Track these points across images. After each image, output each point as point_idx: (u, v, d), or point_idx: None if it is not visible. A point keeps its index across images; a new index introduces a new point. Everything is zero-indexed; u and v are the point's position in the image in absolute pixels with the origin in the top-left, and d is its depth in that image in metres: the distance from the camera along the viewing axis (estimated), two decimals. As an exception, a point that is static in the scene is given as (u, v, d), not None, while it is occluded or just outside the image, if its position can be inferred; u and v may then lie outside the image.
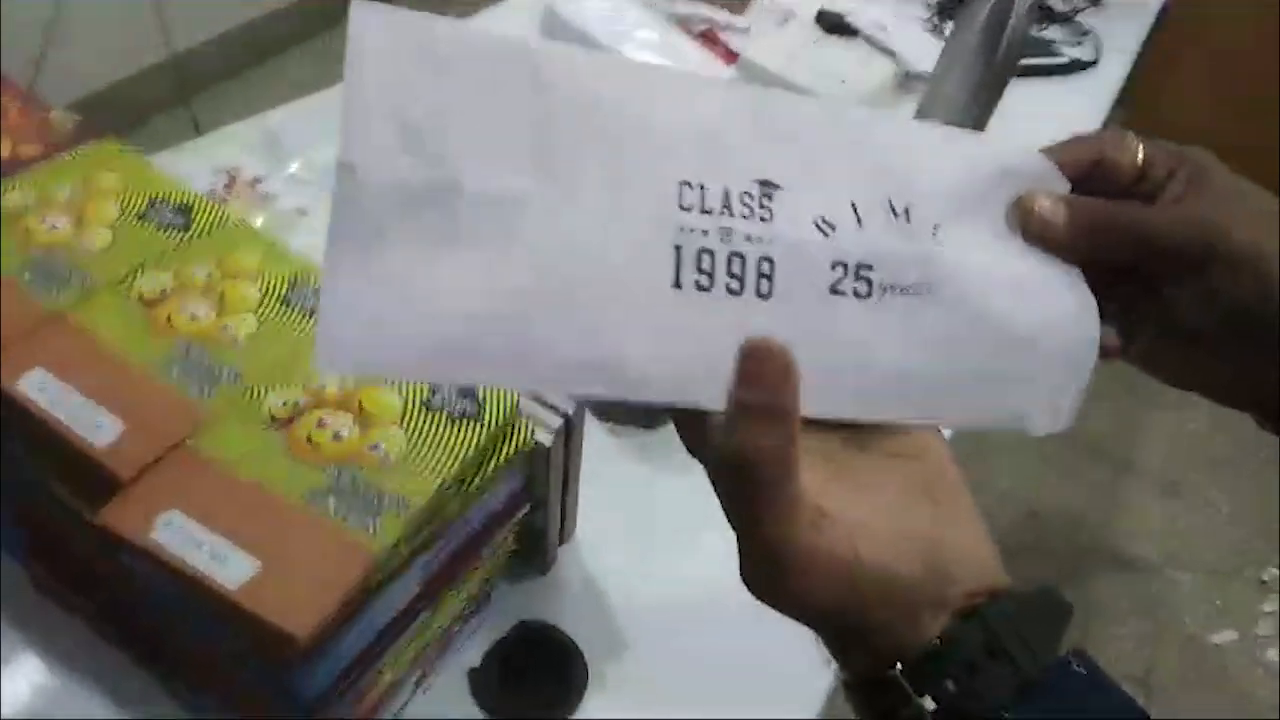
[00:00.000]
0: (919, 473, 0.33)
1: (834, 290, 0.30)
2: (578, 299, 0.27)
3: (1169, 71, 2.74)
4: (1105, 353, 0.38)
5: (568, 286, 0.27)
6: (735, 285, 0.28)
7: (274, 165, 0.86)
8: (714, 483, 0.30)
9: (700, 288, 0.28)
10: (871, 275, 0.30)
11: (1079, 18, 1.47)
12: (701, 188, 0.28)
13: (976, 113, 0.97)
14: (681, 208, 0.28)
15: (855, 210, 0.30)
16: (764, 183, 0.29)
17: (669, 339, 0.27)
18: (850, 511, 0.30)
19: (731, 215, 0.29)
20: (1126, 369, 0.42)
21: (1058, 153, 0.38)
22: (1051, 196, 0.37)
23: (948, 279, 0.31)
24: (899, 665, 0.30)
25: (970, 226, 0.33)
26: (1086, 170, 0.38)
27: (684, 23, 1.20)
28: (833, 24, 1.19)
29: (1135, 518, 1.97)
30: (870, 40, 1.20)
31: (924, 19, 1.35)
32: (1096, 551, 1.90)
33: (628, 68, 0.29)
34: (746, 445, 0.27)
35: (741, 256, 0.28)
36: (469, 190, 0.26)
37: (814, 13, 1.21)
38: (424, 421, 0.50)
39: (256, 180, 0.84)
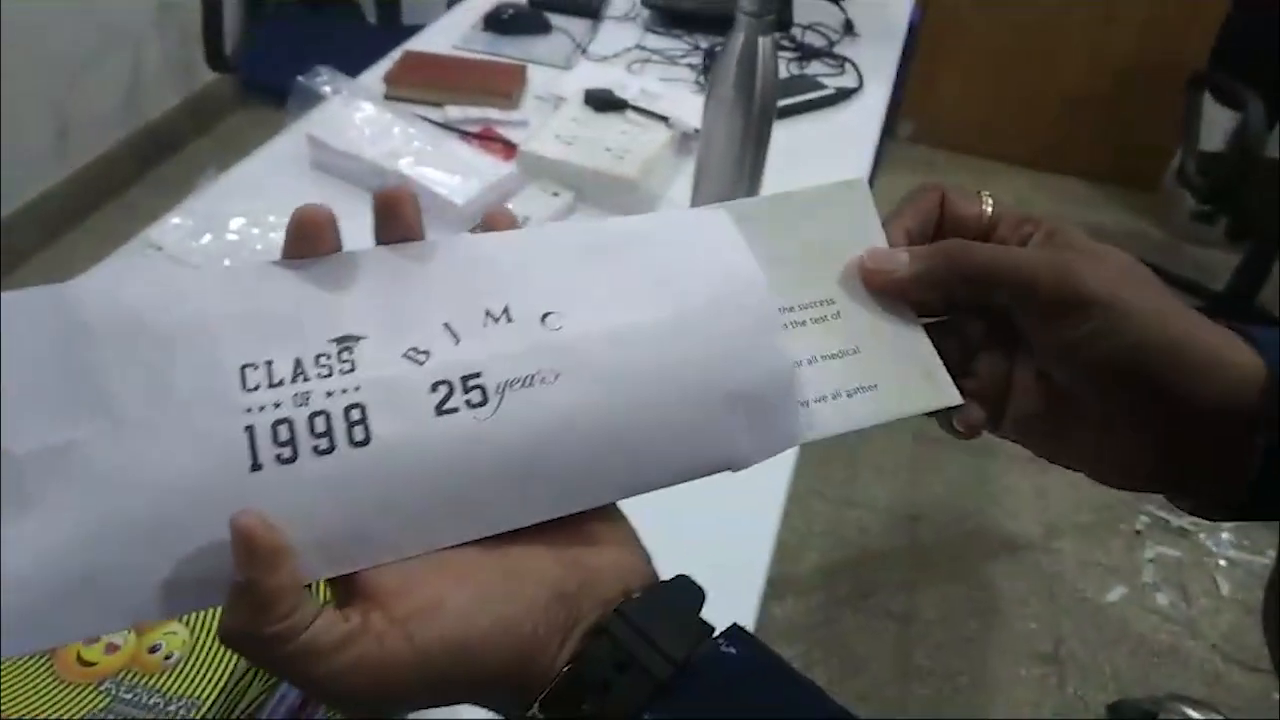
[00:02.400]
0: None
1: (442, 410, 0.29)
2: (167, 519, 0.27)
3: (932, 87, 2.95)
4: (970, 429, 0.38)
5: (153, 511, 0.27)
6: (324, 444, 0.28)
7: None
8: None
9: (283, 460, 0.27)
10: (482, 381, 0.30)
11: (836, 49, 1.56)
12: (268, 364, 0.28)
13: (748, 159, 1.00)
14: (246, 390, 0.28)
15: (450, 329, 0.30)
16: (341, 339, 0.29)
17: (278, 521, 0.27)
18: (436, 598, 0.29)
19: (307, 380, 0.28)
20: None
21: (904, 217, 0.38)
22: (893, 250, 0.37)
23: (575, 357, 0.31)
24: (535, 706, 0.29)
25: (589, 299, 0.32)
26: (935, 226, 0.38)
27: (458, 126, 1.20)
28: (602, 101, 1.22)
29: (1010, 499, 2.04)
30: (641, 110, 1.23)
31: (690, 80, 1.40)
32: (982, 540, 1.96)
33: (178, 278, 0.29)
34: (245, 627, 0.26)
35: (325, 413, 0.28)
36: (18, 454, 0.26)
37: (582, 95, 1.23)
38: (207, 612, 0.46)
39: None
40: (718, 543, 0.73)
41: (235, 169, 1.11)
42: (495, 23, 1.48)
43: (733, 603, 0.69)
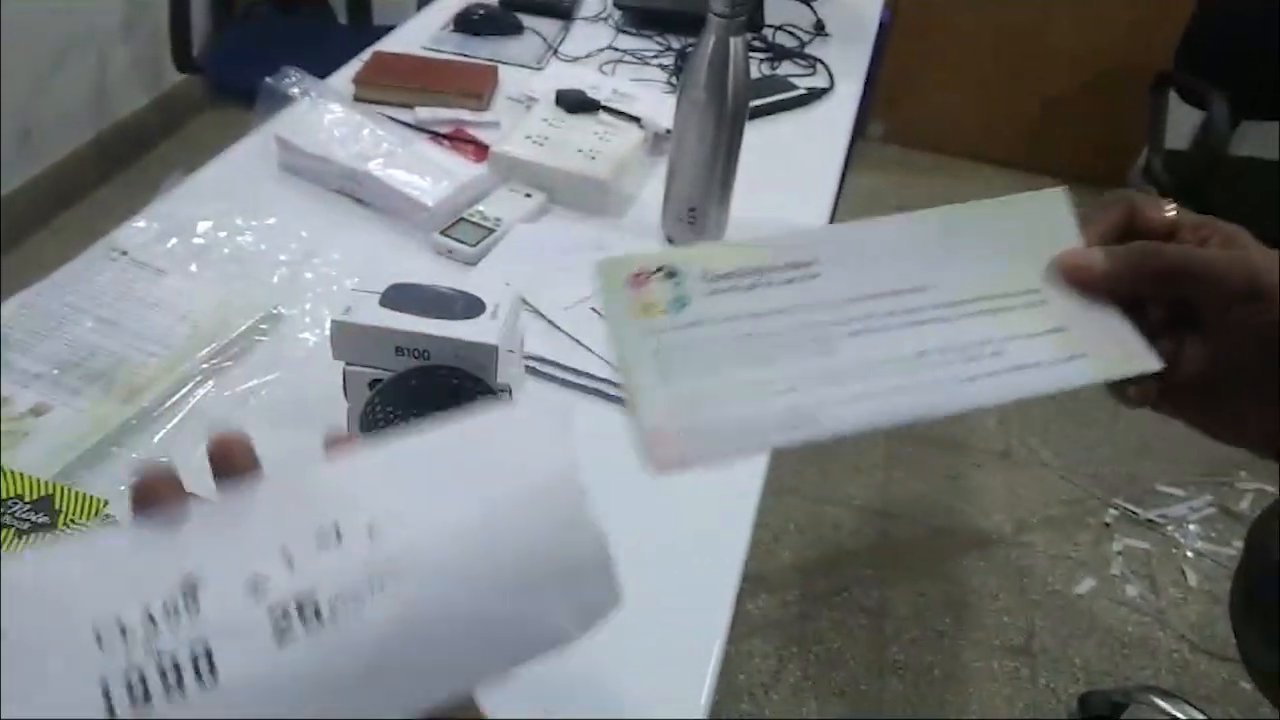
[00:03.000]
0: None
1: (282, 636, 0.31)
2: None
3: (902, 87, 2.97)
4: (1146, 398, 0.43)
5: None
6: (175, 689, 0.30)
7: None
8: None
9: (138, 707, 0.29)
10: (318, 601, 0.31)
11: (807, 49, 1.57)
12: (118, 619, 0.30)
13: (720, 160, 1.01)
14: (101, 650, 0.30)
15: (285, 554, 0.32)
16: (184, 582, 0.31)
17: None
18: None
19: (157, 627, 0.30)
20: None
21: (1096, 222, 0.44)
22: (1090, 250, 0.43)
23: (398, 564, 0.33)
24: None
25: (412, 508, 0.34)
26: (1122, 231, 0.43)
27: (428, 127, 1.20)
28: (574, 102, 1.22)
29: (981, 495, 2.06)
30: (613, 111, 1.23)
31: (661, 81, 1.41)
32: (954, 535, 1.98)
33: (47, 555, 0.31)
34: None
35: (174, 658, 0.30)
36: None
37: (554, 95, 1.23)
38: None
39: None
40: (693, 540, 0.74)
41: (202, 171, 1.10)
42: (466, 23, 1.47)
43: (708, 600, 0.70)
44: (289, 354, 0.85)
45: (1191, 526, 2.03)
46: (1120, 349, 0.43)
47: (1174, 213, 0.43)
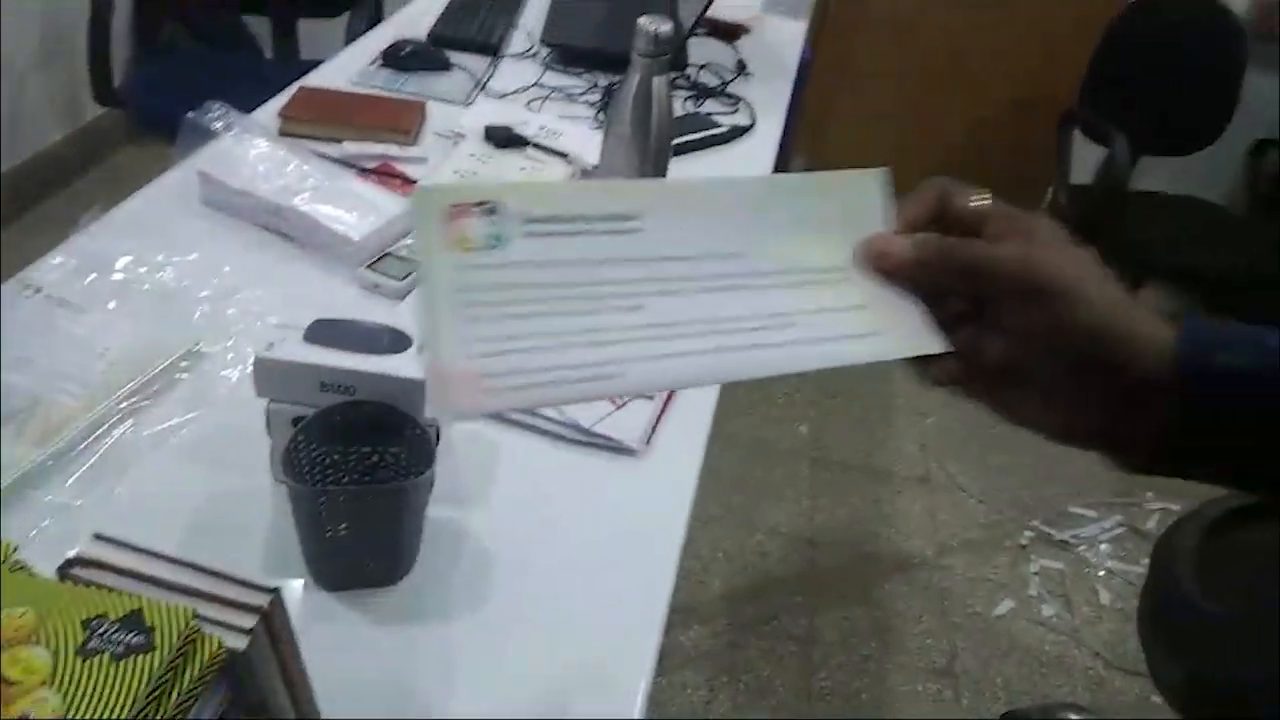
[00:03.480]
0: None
1: None
2: None
3: (822, 125, 3.06)
4: (948, 379, 0.45)
5: None
6: None
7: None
8: None
9: None
10: None
11: (730, 88, 1.61)
12: None
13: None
14: None
15: None
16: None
17: None
18: None
19: None
20: (870, 396, 0.48)
21: (907, 207, 0.46)
22: (896, 237, 0.45)
23: None
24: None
25: None
26: (932, 218, 0.46)
27: (355, 162, 1.20)
28: (502, 138, 1.24)
29: (902, 520, 2.11)
30: (541, 146, 1.25)
31: (588, 117, 1.43)
32: (877, 560, 2.02)
33: None
34: None
35: None
36: None
37: (482, 131, 1.25)
38: (81, 673, 0.45)
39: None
40: (621, 573, 0.75)
41: (122, 206, 1.08)
42: (394, 59, 1.48)
43: (636, 633, 0.70)
44: (211, 392, 0.84)
45: (1103, 546, 2.11)
46: (911, 330, 0.45)
47: (984, 203, 0.45)
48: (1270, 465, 0.42)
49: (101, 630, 0.46)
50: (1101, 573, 2.05)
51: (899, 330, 0.45)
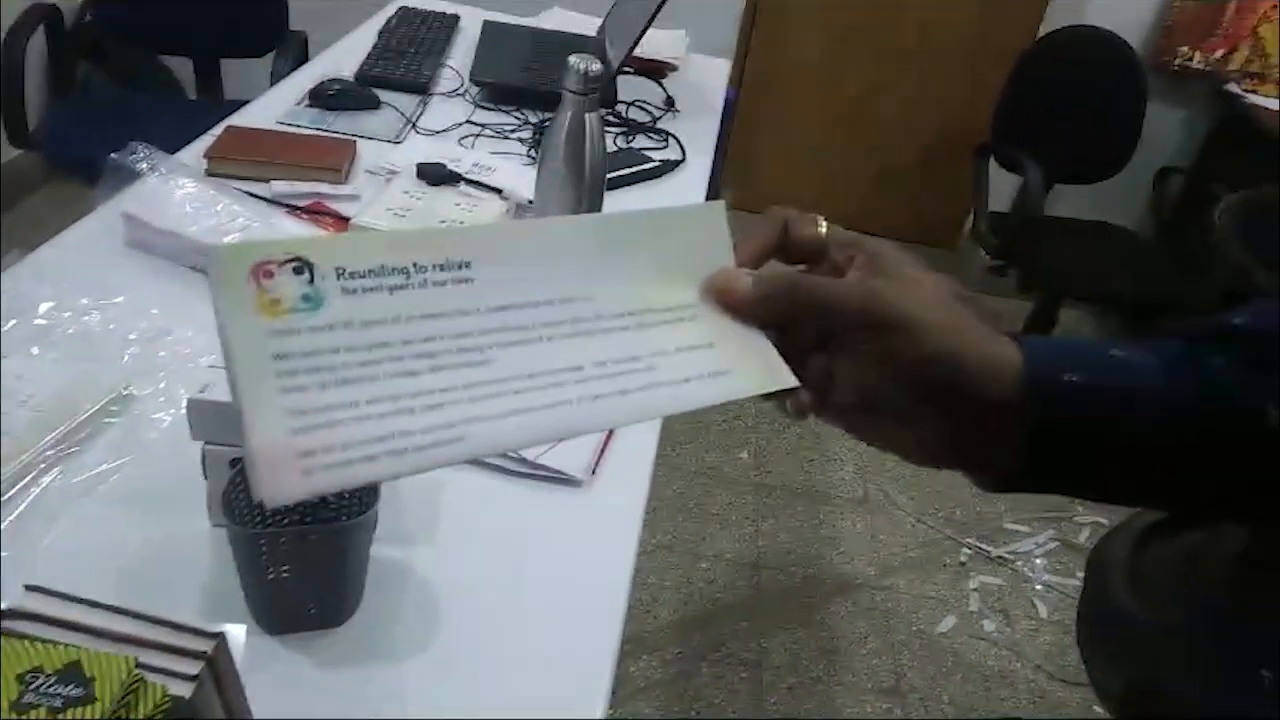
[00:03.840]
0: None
1: None
2: None
3: (749, 158, 3.13)
4: (800, 411, 0.45)
5: None
6: None
7: None
8: None
9: None
10: None
11: (660, 124, 1.64)
12: None
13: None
14: None
15: None
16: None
17: None
18: None
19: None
20: (809, 425, 0.48)
21: (750, 239, 0.46)
22: (739, 273, 0.45)
23: None
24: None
25: None
26: (773, 248, 0.46)
27: (285, 200, 1.19)
28: (435, 175, 1.24)
29: (844, 541, 2.14)
30: (475, 183, 1.25)
31: (521, 153, 1.44)
32: (821, 583, 2.04)
33: None
34: None
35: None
36: None
37: (414, 168, 1.24)
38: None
39: None
40: (571, 605, 0.74)
41: (42, 249, 1.05)
42: (321, 98, 1.47)
43: (589, 666, 0.70)
44: (142, 436, 0.81)
45: (1038, 560, 2.17)
46: (762, 366, 0.44)
47: (824, 230, 0.46)
48: (1126, 476, 0.43)
49: (37, 685, 0.44)
50: (1038, 586, 2.10)
51: (749, 367, 0.44)
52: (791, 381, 0.44)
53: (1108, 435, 0.42)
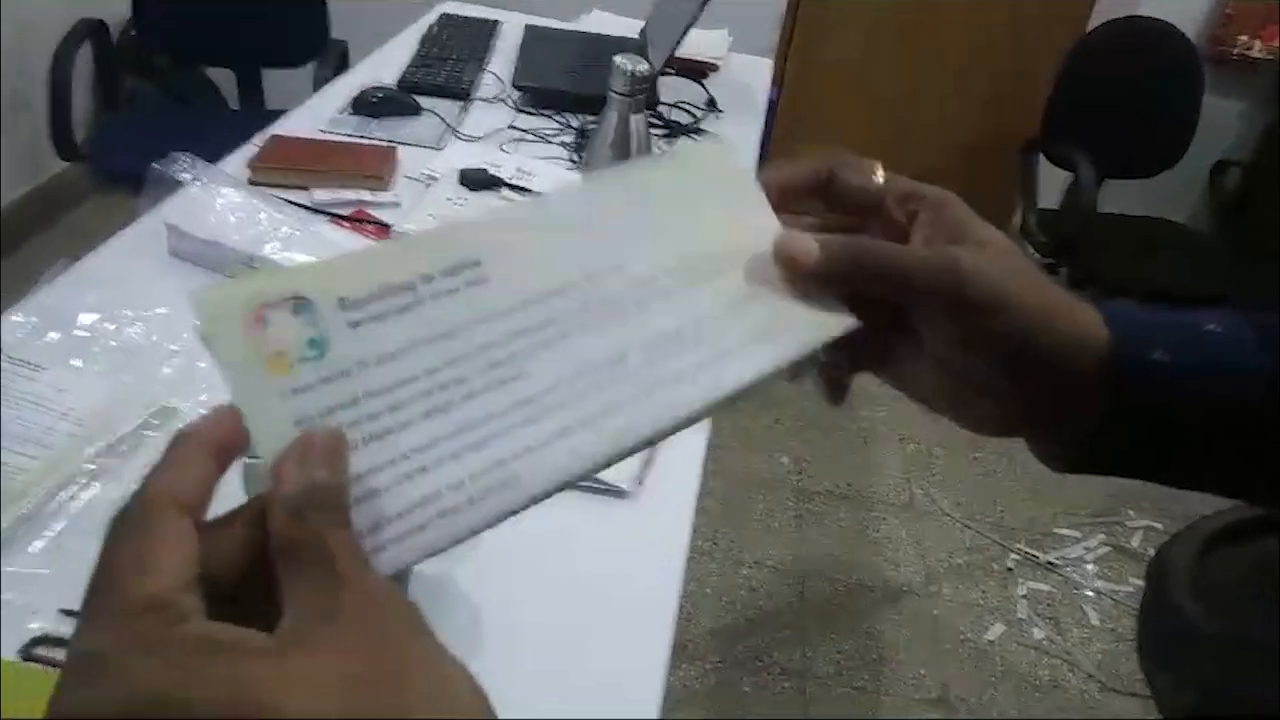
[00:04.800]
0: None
1: None
2: None
3: (793, 155, 3.09)
4: (836, 384, 0.42)
5: None
6: None
7: None
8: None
9: None
10: None
11: (703, 125, 1.62)
12: None
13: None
14: None
15: None
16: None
17: None
18: None
19: None
20: (849, 423, 0.45)
21: (782, 173, 0.41)
22: (804, 239, 0.39)
23: None
24: None
25: None
26: (814, 191, 0.41)
27: (327, 208, 1.18)
28: (476, 180, 1.23)
29: (889, 548, 2.10)
30: (516, 188, 1.24)
31: (563, 158, 1.43)
32: (867, 590, 2.00)
33: None
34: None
35: None
36: None
37: (456, 174, 1.24)
38: None
39: None
40: (618, 618, 0.73)
41: (86, 261, 1.06)
42: (363, 105, 1.47)
43: (637, 678, 0.68)
44: (184, 448, 0.81)
45: (1089, 566, 2.11)
46: (818, 310, 0.40)
47: (881, 179, 0.41)
48: (1209, 460, 0.40)
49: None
50: (1089, 593, 2.04)
51: (805, 315, 0.39)
52: (851, 322, 0.40)
53: (1194, 417, 0.39)
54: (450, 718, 0.27)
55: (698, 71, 1.79)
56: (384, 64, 1.67)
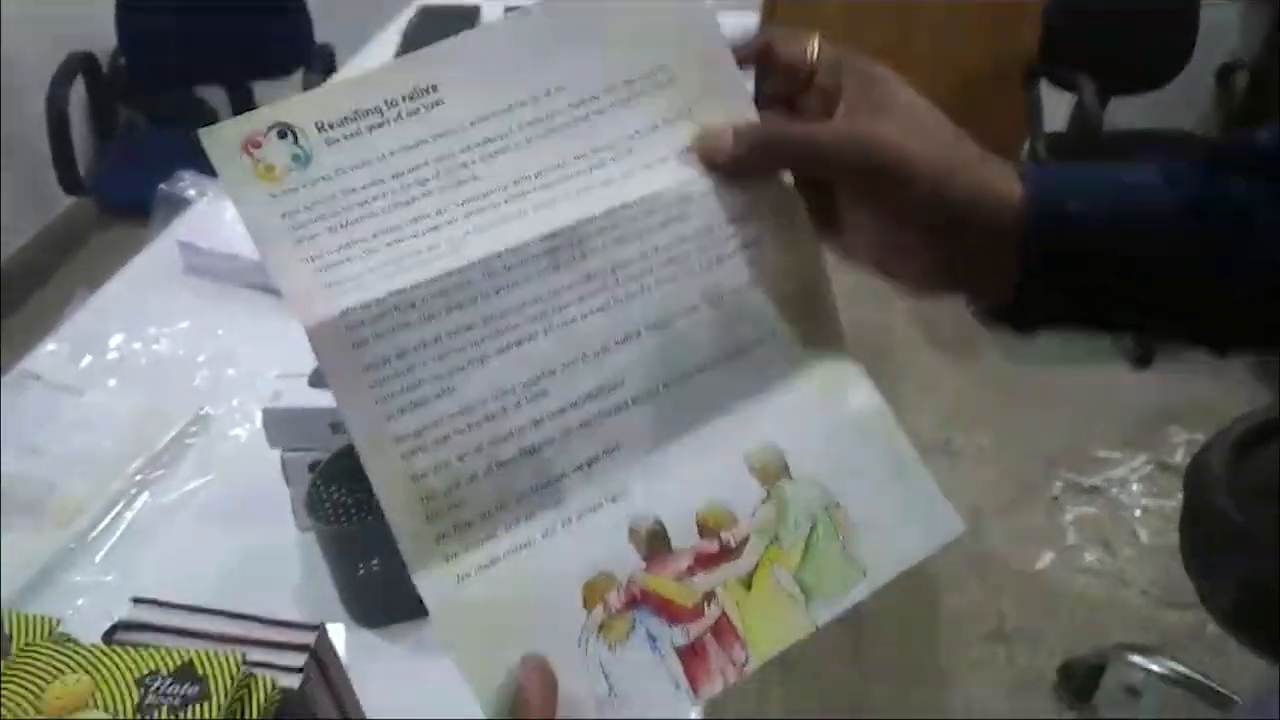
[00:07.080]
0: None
1: None
2: None
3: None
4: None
5: None
6: None
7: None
8: None
9: None
10: None
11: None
12: None
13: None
14: None
15: None
16: None
17: None
18: None
19: None
20: (877, 374, 0.46)
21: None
22: (722, 132, 0.41)
23: None
24: None
25: None
26: (754, 59, 0.43)
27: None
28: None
29: (932, 488, 2.10)
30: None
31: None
32: (913, 533, 2.00)
33: None
34: None
35: None
36: None
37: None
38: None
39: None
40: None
41: (106, 287, 1.08)
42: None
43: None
44: (223, 453, 0.83)
45: (1134, 486, 2.10)
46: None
47: (813, 54, 0.43)
48: (1136, 305, 0.41)
49: (156, 686, 0.45)
50: (1137, 512, 2.03)
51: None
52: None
53: (1113, 264, 0.40)
54: None
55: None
56: (370, 62, 1.67)
